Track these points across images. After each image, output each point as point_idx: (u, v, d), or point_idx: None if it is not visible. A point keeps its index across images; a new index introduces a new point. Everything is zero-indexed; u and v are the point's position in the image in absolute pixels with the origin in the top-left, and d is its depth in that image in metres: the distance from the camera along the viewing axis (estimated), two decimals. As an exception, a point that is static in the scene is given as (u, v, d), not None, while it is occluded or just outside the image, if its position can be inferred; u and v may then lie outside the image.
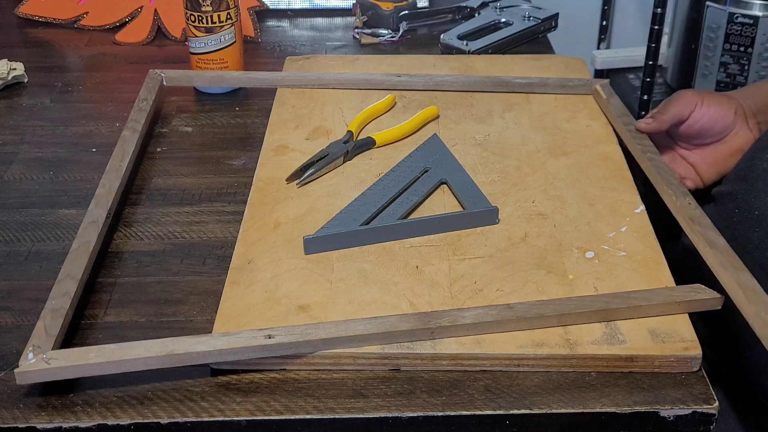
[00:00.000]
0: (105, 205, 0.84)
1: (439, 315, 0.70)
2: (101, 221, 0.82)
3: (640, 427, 0.67)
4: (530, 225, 0.83)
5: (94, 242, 0.79)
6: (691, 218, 0.81)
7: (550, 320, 0.71)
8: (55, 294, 0.73)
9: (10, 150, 1.01)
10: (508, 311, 0.71)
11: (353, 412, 0.66)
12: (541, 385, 0.68)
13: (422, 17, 1.34)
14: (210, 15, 1.08)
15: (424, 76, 1.08)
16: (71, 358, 0.66)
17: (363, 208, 0.84)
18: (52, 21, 1.34)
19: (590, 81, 1.07)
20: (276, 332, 0.68)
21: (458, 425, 0.67)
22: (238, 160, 0.99)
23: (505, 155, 0.94)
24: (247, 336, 0.68)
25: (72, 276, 0.75)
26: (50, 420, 0.65)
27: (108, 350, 0.67)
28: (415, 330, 0.69)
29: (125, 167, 0.91)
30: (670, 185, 0.85)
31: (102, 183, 0.88)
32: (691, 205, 0.82)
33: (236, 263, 0.79)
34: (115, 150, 0.93)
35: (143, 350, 0.66)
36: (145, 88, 1.06)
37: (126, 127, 0.97)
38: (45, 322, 0.70)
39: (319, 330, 0.69)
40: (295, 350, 0.68)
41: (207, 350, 0.67)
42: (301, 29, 1.36)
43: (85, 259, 0.77)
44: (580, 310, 0.71)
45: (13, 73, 1.15)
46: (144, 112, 1.01)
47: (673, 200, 0.84)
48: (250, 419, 0.66)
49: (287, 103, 1.05)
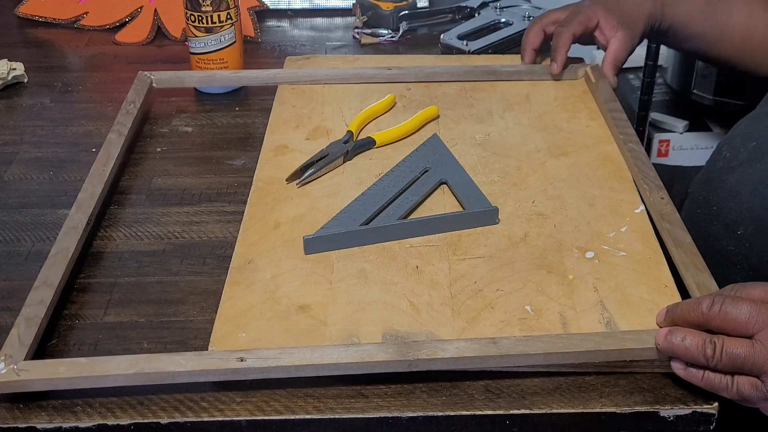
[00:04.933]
0: (86, 210, 0.83)
1: (419, 346, 0.67)
2: (81, 227, 0.81)
3: (640, 427, 0.67)
4: (530, 225, 0.83)
5: (73, 249, 0.78)
6: (661, 214, 0.82)
7: (535, 358, 0.67)
8: (31, 301, 0.72)
9: (10, 150, 1.01)
10: (491, 346, 0.67)
11: (353, 412, 0.66)
12: (541, 385, 0.68)
13: (422, 17, 1.34)
14: (210, 15, 1.08)
15: (414, 68, 1.09)
16: (41, 370, 0.66)
17: (363, 208, 0.84)
18: (52, 21, 1.34)
19: (576, 66, 1.09)
20: (248, 355, 0.66)
21: (458, 425, 0.67)
22: (238, 160, 0.99)
23: (505, 155, 0.94)
24: (219, 357, 0.66)
25: (49, 283, 0.74)
26: (50, 420, 0.65)
27: (79, 364, 0.66)
28: (392, 361, 0.66)
29: (109, 172, 0.90)
30: (646, 178, 0.87)
31: (84, 187, 0.87)
32: (663, 200, 0.84)
33: (236, 263, 0.79)
34: (100, 153, 0.92)
35: (113, 366, 0.66)
36: (134, 91, 1.05)
37: (112, 130, 0.97)
38: (19, 330, 0.69)
39: (293, 356, 0.66)
40: (267, 375, 0.66)
41: (177, 371, 0.66)
42: (301, 29, 1.36)
43: (63, 266, 0.76)
44: (568, 350, 0.67)
45: (13, 73, 1.15)
46: (131, 115, 1.00)
47: (648, 194, 0.85)
48: (250, 419, 0.66)
49: (287, 102, 1.05)
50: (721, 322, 0.63)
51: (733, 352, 0.63)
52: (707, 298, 0.64)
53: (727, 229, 0.86)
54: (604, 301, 0.74)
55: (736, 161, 0.87)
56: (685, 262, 0.76)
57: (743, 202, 0.85)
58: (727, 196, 0.86)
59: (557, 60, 1.06)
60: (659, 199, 0.84)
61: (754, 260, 0.84)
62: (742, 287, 0.66)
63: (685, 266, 0.76)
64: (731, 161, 0.88)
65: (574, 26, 1.05)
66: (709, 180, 0.89)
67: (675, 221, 0.81)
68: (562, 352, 0.67)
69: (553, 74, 1.08)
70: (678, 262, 0.77)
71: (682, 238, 0.79)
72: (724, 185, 0.87)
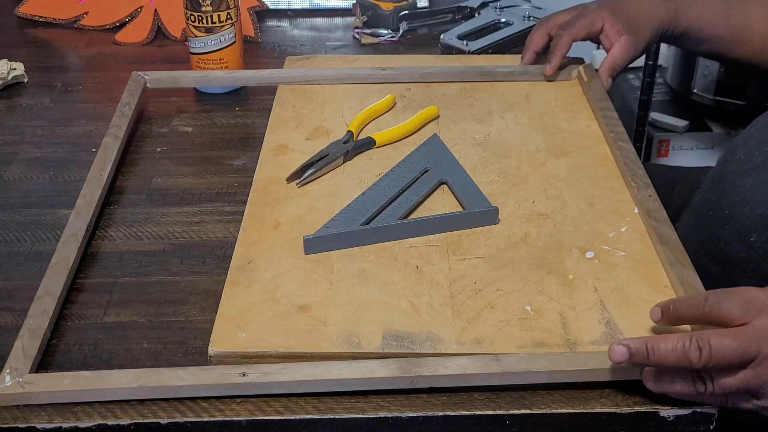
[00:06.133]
0: (85, 217, 0.83)
1: (421, 363, 0.67)
2: (81, 234, 0.81)
3: (640, 427, 0.67)
4: (530, 225, 0.83)
5: (73, 257, 0.79)
6: (648, 212, 0.83)
7: (538, 376, 0.67)
8: (34, 312, 0.72)
9: (10, 150, 1.01)
10: (494, 363, 0.67)
11: (353, 412, 0.66)
12: (541, 385, 0.68)
13: (422, 17, 1.34)
14: (210, 15, 1.08)
15: (408, 69, 1.09)
16: (46, 383, 0.66)
17: (363, 208, 0.84)
18: (52, 21, 1.34)
19: (572, 67, 1.09)
20: (250, 371, 0.67)
21: (458, 425, 0.67)
22: (238, 160, 0.99)
23: (505, 155, 0.94)
24: (221, 372, 0.67)
25: (51, 293, 0.74)
26: (50, 420, 0.65)
27: (83, 378, 0.67)
28: (393, 378, 0.66)
29: (106, 176, 0.90)
30: (635, 176, 0.88)
31: (83, 193, 0.87)
32: (651, 197, 0.85)
33: (236, 263, 0.79)
34: (96, 158, 0.92)
35: (117, 380, 0.66)
36: (128, 92, 1.04)
37: (108, 133, 0.97)
38: (23, 342, 0.69)
39: (295, 372, 0.66)
40: (268, 390, 0.66)
41: (179, 385, 0.66)
42: (301, 29, 1.36)
43: (65, 275, 0.76)
44: (572, 368, 0.67)
45: (13, 73, 1.15)
46: (126, 117, 0.99)
47: (635, 192, 0.86)
48: (250, 419, 0.66)
49: (287, 102, 1.05)
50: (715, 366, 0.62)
51: (728, 386, 0.63)
52: (690, 344, 0.62)
53: (739, 234, 0.84)
54: (604, 301, 0.74)
55: (751, 164, 0.85)
56: (671, 260, 0.76)
57: (757, 208, 0.82)
58: (740, 200, 0.84)
59: (552, 62, 1.07)
60: (647, 197, 0.85)
61: (766, 269, 0.82)
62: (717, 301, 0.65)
63: (671, 264, 0.76)
64: (745, 164, 0.86)
65: (576, 30, 1.05)
66: (722, 182, 0.88)
67: (662, 219, 0.82)
68: (566, 371, 0.67)
69: (546, 75, 1.08)
70: (663, 259, 0.78)
71: (668, 235, 0.79)
72: (737, 189, 0.85)
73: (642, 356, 0.63)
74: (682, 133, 1.90)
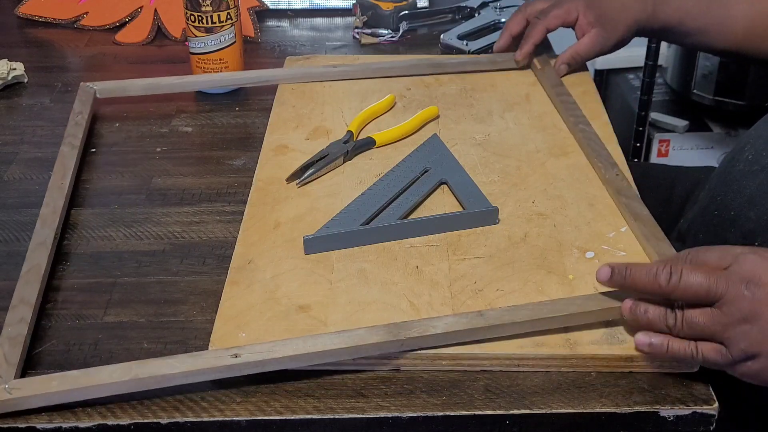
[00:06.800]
0: (51, 225, 0.83)
1: (409, 325, 0.68)
2: (49, 242, 0.81)
3: (640, 427, 0.67)
4: (530, 225, 0.83)
5: (44, 265, 0.78)
6: (618, 190, 0.85)
7: (522, 326, 0.69)
8: (11, 321, 0.71)
9: (10, 150, 1.01)
10: (479, 318, 0.69)
11: (353, 412, 0.66)
12: (541, 385, 0.68)
13: (422, 17, 1.34)
14: (210, 15, 1.08)
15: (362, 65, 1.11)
16: (34, 387, 0.65)
17: (363, 208, 0.84)
18: (52, 21, 1.34)
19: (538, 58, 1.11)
20: (242, 351, 0.67)
21: (458, 425, 0.67)
22: (238, 160, 0.99)
23: (505, 155, 0.94)
24: (212, 356, 0.66)
25: (26, 301, 0.74)
26: (50, 420, 0.65)
27: (71, 377, 0.66)
28: (384, 342, 0.67)
29: (67, 185, 0.89)
30: (600, 157, 0.90)
31: (46, 202, 0.86)
32: (618, 176, 0.87)
33: (236, 263, 0.79)
34: (56, 167, 0.92)
35: (106, 375, 0.65)
36: (79, 101, 1.04)
37: (63, 142, 0.96)
38: (4, 350, 0.68)
39: (286, 347, 0.67)
40: (262, 368, 0.66)
41: (172, 373, 0.65)
42: (301, 29, 1.36)
43: (38, 283, 0.76)
44: (552, 315, 0.70)
45: (13, 73, 1.15)
46: (80, 126, 0.99)
47: (602, 172, 0.88)
48: (250, 419, 0.66)
49: (287, 102, 1.05)
50: (681, 294, 0.65)
51: (694, 320, 0.65)
52: (664, 270, 0.65)
53: (745, 238, 0.82)
54: (604, 301, 0.74)
55: (758, 165, 0.84)
56: (645, 234, 0.79)
57: (763, 213, 0.81)
58: (746, 202, 0.83)
59: (523, 48, 1.09)
60: (614, 176, 0.87)
61: None
62: (696, 253, 0.67)
63: (646, 237, 0.79)
64: (753, 164, 0.84)
65: (550, 19, 1.08)
66: (728, 182, 0.86)
67: (632, 195, 0.84)
68: (549, 317, 0.69)
69: (516, 61, 1.11)
70: (638, 234, 0.80)
71: (640, 211, 0.82)
72: (743, 190, 0.84)
73: (621, 276, 0.68)
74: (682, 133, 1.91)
